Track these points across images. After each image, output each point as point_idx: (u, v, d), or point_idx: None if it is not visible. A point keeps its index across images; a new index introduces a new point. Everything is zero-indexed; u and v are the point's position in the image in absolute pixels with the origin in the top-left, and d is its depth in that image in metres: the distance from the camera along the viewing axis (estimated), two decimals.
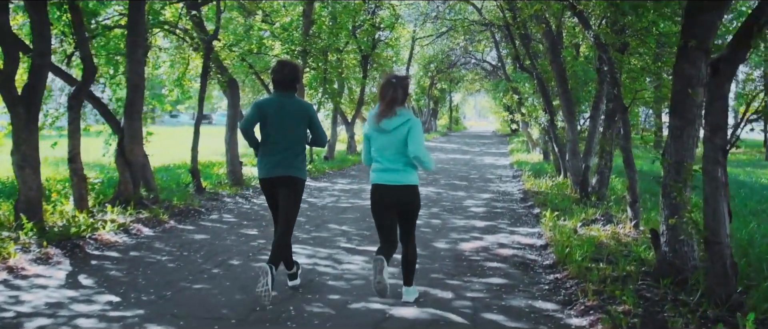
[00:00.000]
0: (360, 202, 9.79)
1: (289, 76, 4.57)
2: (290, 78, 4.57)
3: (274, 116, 4.51)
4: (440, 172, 15.22)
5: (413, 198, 4.32)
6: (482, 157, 21.39)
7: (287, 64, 4.65)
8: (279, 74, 4.58)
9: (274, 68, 4.67)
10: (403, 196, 4.27)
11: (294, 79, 4.60)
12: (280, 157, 4.53)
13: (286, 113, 4.52)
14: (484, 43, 29.02)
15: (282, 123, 4.51)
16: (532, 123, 17.26)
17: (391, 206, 4.31)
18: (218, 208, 8.91)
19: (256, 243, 6.57)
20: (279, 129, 4.52)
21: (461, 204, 9.82)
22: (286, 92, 4.58)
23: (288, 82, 4.57)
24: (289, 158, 4.54)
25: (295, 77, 4.61)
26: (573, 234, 6.77)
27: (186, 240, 6.68)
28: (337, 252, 6.29)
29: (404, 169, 4.24)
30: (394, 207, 4.32)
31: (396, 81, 4.22)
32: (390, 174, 4.24)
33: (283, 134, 4.53)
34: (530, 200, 9.99)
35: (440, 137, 37.88)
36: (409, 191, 4.28)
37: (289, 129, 4.53)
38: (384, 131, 4.19)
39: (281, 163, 4.53)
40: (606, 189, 9.67)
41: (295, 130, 4.57)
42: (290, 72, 4.59)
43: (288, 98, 4.57)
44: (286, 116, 4.52)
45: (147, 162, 8.76)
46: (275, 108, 4.53)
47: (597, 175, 9.70)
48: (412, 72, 31.80)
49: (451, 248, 6.56)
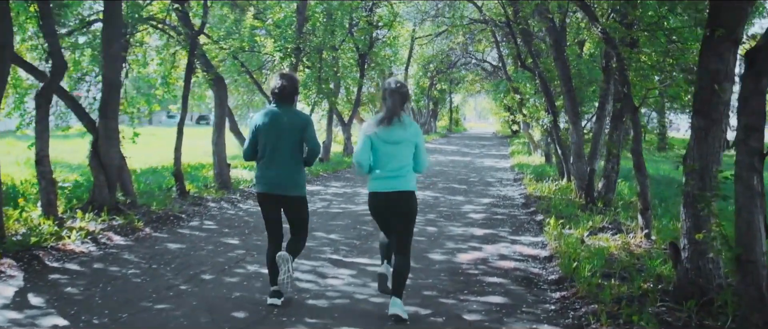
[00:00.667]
0: (352, 207, 9.25)
1: (288, 88, 4.51)
2: (289, 90, 4.51)
3: (272, 129, 4.43)
4: (438, 175, 14.67)
5: (412, 204, 4.28)
6: (482, 159, 20.84)
7: (286, 76, 4.59)
8: (278, 90, 4.50)
9: (273, 84, 4.58)
10: (403, 202, 4.22)
11: (293, 91, 4.54)
12: (281, 172, 4.44)
13: (284, 125, 4.43)
14: (484, 42, 28.54)
15: (281, 136, 4.43)
16: (534, 124, 16.70)
17: (389, 213, 4.28)
18: (200, 214, 8.36)
19: (234, 254, 6.03)
20: (278, 142, 4.43)
21: (459, 210, 9.27)
22: (284, 104, 4.50)
23: (287, 94, 4.50)
24: (289, 174, 4.45)
25: (294, 89, 4.55)
26: (580, 245, 6.23)
27: (158, 251, 6.13)
28: (322, 264, 5.74)
29: (405, 176, 4.20)
30: (392, 213, 4.27)
31: (396, 87, 4.23)
32: (392, 181, 4.19)
33: (281, 147, 4.44)
34: (533, 206, 9.43)
35: (440, 138, 37.30)
36: (408, 196, 4.23)
37: (288, 142, 4.44)
38: (391, 141, 4.15)
39: (283, 179, 4.44)
40: (613, 194, 9.12)
41: (295, 143, 4.47)
42: (289, 84, 4.52)
43: (287, 110, 4.49)
44: (285, 129, 4.43)
45: (124, 164, 8.21)
46: (273, 121, 4.45)
47: (603, 179, 9.15)
48: (411, 72, 31.26)
49: (446, 260, 6.02)
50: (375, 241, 6.70)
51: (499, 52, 22.02)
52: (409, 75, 30.19)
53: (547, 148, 17.46)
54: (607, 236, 6.67)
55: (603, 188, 9.07)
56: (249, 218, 8.16)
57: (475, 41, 29.26)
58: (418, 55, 31.25)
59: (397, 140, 4.15)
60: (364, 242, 6.77)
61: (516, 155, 21.23)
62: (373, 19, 17.71)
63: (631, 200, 9.39)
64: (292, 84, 4.54)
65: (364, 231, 7.35)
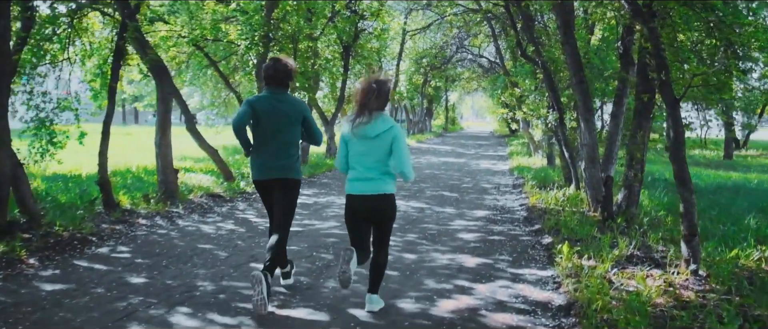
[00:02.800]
0: (317, 224, 7.56)
1: (282, 72, 4.48)
2: (283, 75, 4.49)
3: (267, 115, 4.43)
4: (427, 180, 12.96)
5: (388, 208, 4.08)
6: (478, 161, 19.14)
7: (280, 61, 4.52)
8: (271, 70, 4.48)
9: (266, 65, 4.53)
10: (379, 205, 4.04)
11: (287, 76, 4.51)
12: (275, 158, 4.47)
13: (279, 111, 4.44)
14: (481, 37, 26.84)
15: (275, 122, 4.43)
16: (535, 123, 14.94)
17: (365, 216, 4.09)
18: (120, 235, 6.64)
19: (125, 304, 4.30)
20: (272, 129, 4.44)
21: (447, 227, 7.56)
22: (278, 90, 4.50)
23: (281, 79, 4.49)
24: (283, 159, 4.47)
25: (287, 74, 4.51)
26: (606, 285, 4.53)
27: (16, 301, 4.38)
28: (238, 323, 4.02)
29: (381, 178, 4.02)
30: (368, 217, 4.10)
31: (376, 85, 3.98)
32: (366, 184, 4.02)
33: (276, 133, 4.45)
34: (537, 222, 7.73)
35: (434, 138, 35.56)
36: (384, 200, 4.04)
37: (282, 129, 4.45)
38: (365, 137, 3.99)
39: (276, 164, 4.47)
40: (636, 208, 7.43)
41: (289, 129, 4.48)
42: (283, 69, 4.49)
43: (281, 96, 4.49)
44: (279, 115, 4.43)
45: (21, 173, 6.49)
46: (268, 107, 4.44)
47: (623, 189, 7.46)
48: (403, 67, 29.51)
49: (421, 311, 4.30)
50: (330, 278, 5.01)
51: (496, 44, 20.35)
52: (400, 70, 28.44)
53: (550, 149, 15.75)
54: (642, 272, 4.96)
55: (623, 201, 7.38)
56: (180, 241, 6.45)
57: (471, 36, 27.66)
58: (411, 50, 29.49)
59: (368, 137, 3.97)
60: (316, 278, 5.07)
61: (515, 156, 19.51)
62: (356, 6, 16.00)
63: (657, 216, 7.70)
64: (287, 68, 4.47)
65: (321, 262, 5.65)
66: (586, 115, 8.14)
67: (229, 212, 8.34)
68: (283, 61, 4.52)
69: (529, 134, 19.05)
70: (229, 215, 8.10)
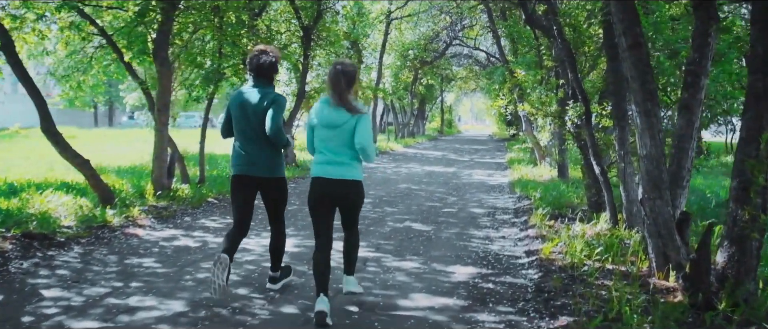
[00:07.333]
0: (244, 257, 4.04)
1: (264, 64, 4.29)
2: (266, 67, 4.29)
3: (245, 108, 4.25)
4: (397, 201, 9.42)
5: (356, 194, 4.03)
6: (471, 170, 15.57)
7: (264, 52, 4.33)
8: (255, 61, 4.30)
9: (250, 55, 4.38)
10: (345, 191, 3.96)
11: (270, 68, 4.31)
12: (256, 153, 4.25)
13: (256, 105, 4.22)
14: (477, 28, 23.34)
15: (253, 116, 4.21)
16: (540, 124, 11.34)
17: (331, 201, 4.00)
18: None
19: None
20: (250, 123, 4.23)
21: (391, 316, 4.02)
22: (260, 83, 4.31)
23: (263, 71, 4.30)
24: (266, 155, 4.26)
25: (271, 66, 4.31)
26: None
27: None
28: None
29: (349, 163, 3.96)
30: (333, 202, 4.02)
31: (340, 67, 3.96)
32: (334, 167, 3.94)
33: (254, 127, 4.23)
34: (561, 299, 4.18)
35: (426, 142, 31.92)
36: (352, 186, 3.98)
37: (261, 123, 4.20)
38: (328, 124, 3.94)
39: (259, 160, 4.26)
40: (754, 283, 3.89)
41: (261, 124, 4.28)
42: (266, 60, 4.29)
43: (261, 89, 4.28)
44: (258, 108, 4.21)
45: None
46: (245, 100, 4.27)
47: (727, 244, 3.92)
48: (388, 61, 25.96)
49: None
50: None
51: (493, 28, 16.81)
52: (384, 64, 24.86)
53: (562, 157, 12.20)
54: None
55: (730, 266, 3.84)
56: None
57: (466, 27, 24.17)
58: (396, 42, 25.92)
59: (333, 123, 3.92)
60: None
61: (515, 165, 15.89)
62: None
63: None
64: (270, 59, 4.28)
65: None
66: (646, 105, 4.58)
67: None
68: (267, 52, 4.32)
69: (533, 137, 15.48)
70: None
